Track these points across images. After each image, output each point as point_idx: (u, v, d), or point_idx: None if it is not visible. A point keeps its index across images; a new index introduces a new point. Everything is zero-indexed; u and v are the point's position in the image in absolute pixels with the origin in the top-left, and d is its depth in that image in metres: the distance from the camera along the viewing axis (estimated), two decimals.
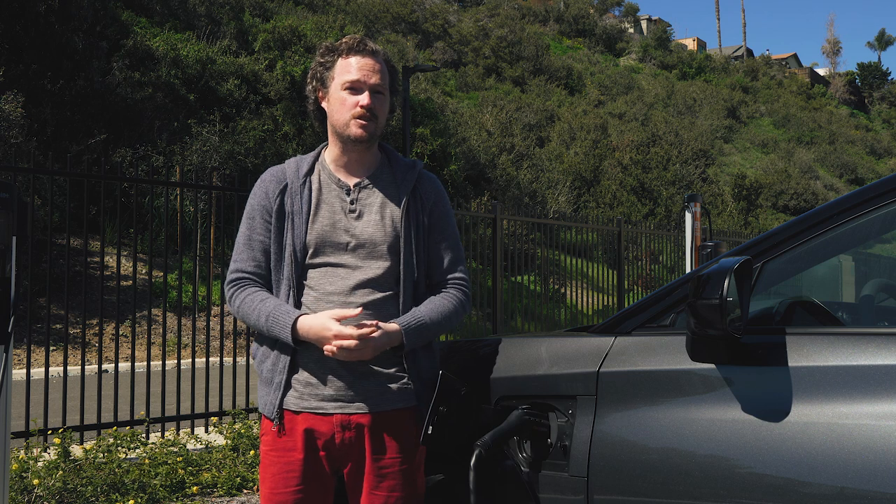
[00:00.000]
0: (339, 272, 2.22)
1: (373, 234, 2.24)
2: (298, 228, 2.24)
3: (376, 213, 2.27)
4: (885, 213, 1.98)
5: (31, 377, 5.56)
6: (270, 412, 2.22)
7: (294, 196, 2.27)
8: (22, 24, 14.68)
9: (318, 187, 2.29)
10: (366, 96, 2.23)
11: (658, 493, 1.94)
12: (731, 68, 58.76)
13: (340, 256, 2.23)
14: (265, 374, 2.26)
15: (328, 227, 2.24)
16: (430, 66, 20.03)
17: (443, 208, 2.35)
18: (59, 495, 4.56)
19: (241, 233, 2.33)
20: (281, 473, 2.21)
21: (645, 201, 27.32)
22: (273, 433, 2.23)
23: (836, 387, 1.81)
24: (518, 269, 11.73)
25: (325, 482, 2.24)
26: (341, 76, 2.25)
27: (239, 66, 19.76)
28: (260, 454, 2.31)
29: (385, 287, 2.23)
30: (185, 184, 7.86)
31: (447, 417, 2.21)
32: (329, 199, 2.28)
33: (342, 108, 2.25)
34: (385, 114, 2.30)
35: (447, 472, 2.42)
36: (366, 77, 2.24)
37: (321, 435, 2.20)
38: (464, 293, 2.34)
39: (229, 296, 2.31)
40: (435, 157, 19.15)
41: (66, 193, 10.03)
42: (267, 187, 2.30)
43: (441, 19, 40.33)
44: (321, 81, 2.30)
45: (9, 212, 2.58)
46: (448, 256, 2.34)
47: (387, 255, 2.24)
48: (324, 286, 2.22)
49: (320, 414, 2.19)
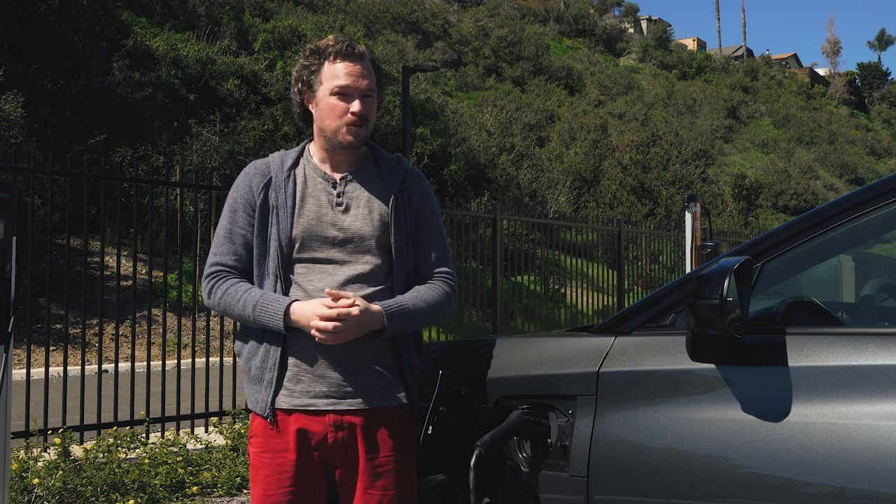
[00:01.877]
0: (327, 268, 2.21)
1: (360, 227, 2.23)
2: (284, 222, 2.21)
3: (364, 206, 2.25)
4: (885, 213, 1.98)
5: (31, 377, 5.56)
6: (263, 410, 2.20)
7: (279, 190, 2.24)
8: (22, 24, 14.68)
9: (303, 181, 2.27)
10: (357, 103, 2.22)
11: (658, 493, 1.94)
12: (731, 68, 58.76)
13: (327, 251, 2.21)
14: (254, 372, 2.23)
15: (314, 220, 2.22)
16: (430, 66, 20.03)
17: (429, 203, 2.35)
18: (59, 495, 4.56)
19: (221, 226, 2.29)
20: (273, 475, 2.19)
21: (645, 201, 27.32)
22: (264, 434, 2.21)
23: (836, 387, 1.81)
24: (518, 269, 11.73)
25: (317, 482, 2.23)
26: (330, 81, 2.23)
27: (239, 66, 19.77)
28: (249, 455, 2.28)
29: (374, 282, 2.22)
30: (185, 184, 7.86)
31: (447, 417, 2.20)
32: (315, 192, 2.26)
33: (332, 114, 2.23)
34: (374, 116, 2.30)
35: (447, 472, 2.42)
36: (356, 83, 2.22)
37: (314, 435, 2.18)
38: (450, 286, 2.32)
39: (209, 288, 2.26)
40: (435, 157, 19.14)
41: (66, 193, 10.02)
42: (251, 181, 2.28)
43: (441, 19, 40.32)
44: (308, 85, 2.28)
45: (9, 212, 2.58)
46: (434, 251, 2.32)
47: (375, 250, 2.23)
48: (312, 283, 2.19)
49: (312, 412, 2.17)
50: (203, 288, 2.29)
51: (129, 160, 13.55)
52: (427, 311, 2.24)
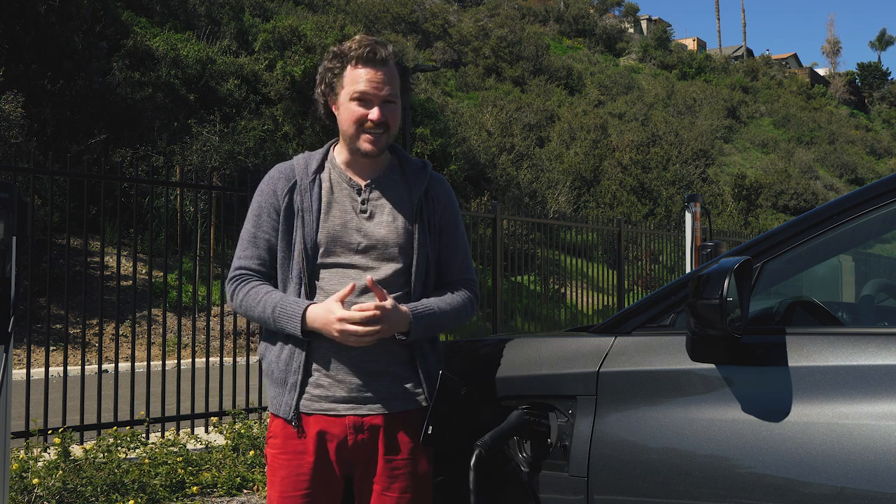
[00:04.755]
0: (350, 273, 2.20)
1: (385, 235, 2.22)
2: (309, 226, 2.21)
3: (388, 213, 2.25)
4: (885, 213, 1.98)
5: (31, 377, 5.57)
6: (287, 413, 2.18)
7: (304, 193, 2.24)
8: (22, 24, 14.68)
9: (328, 186, 2.26)
10: (375, 111, 2.20)
11: (658, 493, 1.94)
12: (731, 68, 58.77)
13: (351, 257, 2.21)
14: (277, 375, 2.22)
15: (339, 226, 2.22)
16: (430, 66, 20.03)
17: (453, 210, 2.35)
18: (59, 495, 4.56)
19: (245, 230, 2.28)
20: (291, 477, 2.18)
21: (645, 201, 27.32)
22: (283, 436, 2.20)
23: (836, 387, 1.81)
24: (518, 269, 11.73)
25: (334, 485, 2.22)
26: (350, 86, 2.21)
27: (239, 66, 19.77)
28: (267, 457, 2.27)
29: (395, 288, 2.22)
30: (185, 184, 7.86)
31: (447, 417, 2.20)
32: (340, 198, 2.25)
33: (351, 119, 2.22)
34: (398, 121, 2.27)
35: (447, 472, 2.42)
36: (376, 90, 2.20)
37: (333, 437, 2.17)
38: (474, 293, 2.34)
39: (231, 290, 2.27)
40: (435, 157, 19.14)
41: (66, 193, 10.03)
42: (275, 185, 2.27)
43: (441, 19, 40.32)
44: (331, 87, 2.26)
45: (9, 212, 2.58)
46: (459, 258, 2.34)
47: (398, 257, 2.23)
48: (335, 288, 2.19)
49: (333, 415, 2.17)
50: (227, 291, 2.29)
51: (129, 160, 13.55)
52: (451, 315, 2.26)
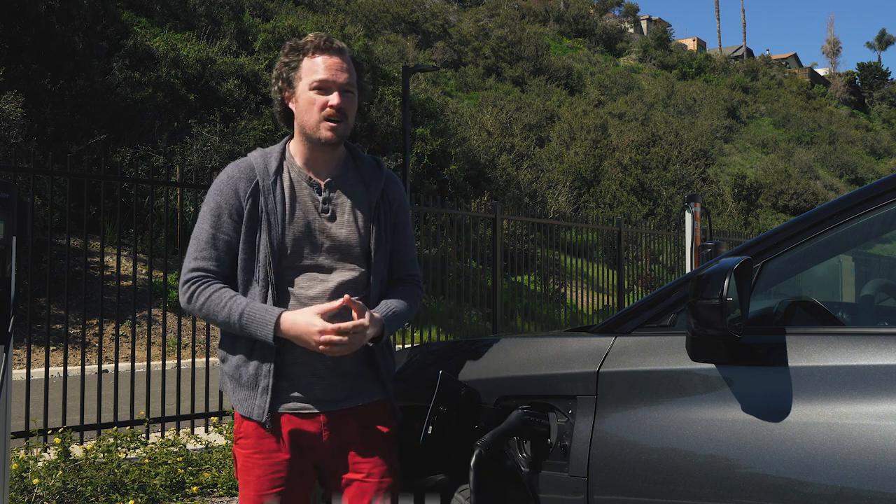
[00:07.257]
0: (318, 276, 2.22)
1: (348, 236, 2.25)
2: (275, 229, 2.19)
3: (349, 213, 2.27)
4: (885, 213, 1.98)
5: (31, 377, 5.56)
6: (261, 416, 2.18)
7: (267, 195, 2.22)
8: (22, 24, 14.68)
9: (289, 185, 2.25)
10: (335, 96, 2.20)
11: (658, 493, 1.94)
12: (731, 68, 58.76)
13: (315, 258, 2.22)
14: (247, 378, 2.20)
15: (304, 227, 2.22)
16: (430, 66, 20.03)
17: (405, 208, 2.40)
18: (59, 495, 4.56)
19: (202, 230, 2.23)
20: (266, 475, 2.19)
21: (645, 201, 27.32)
22: (256, 436, 2.21)
23: (836, 387, 1.81)
24: (518, 269, 11.72)
25: (307, 476, 2.26)
26: (309, 76, 2.22)
27: (239, 66, 19.77)
28: (237, 457, 2.25)
29: (360, 289, 2.25)
30: (185, 184, 7.85)
31: (447, 417, 2.21)
32: (302, 198, 2.25)
33: (311, 108, 2.22)
34: (354, 112, 2.28)
35: (447, 472, 2.42)
36: (334, 76, 2.21)
37: (307, 434, 2.20)
38: (421, 288, 2.41)
39: (190, 293, 2.20)
40: (435, 157, 19.15)
41: (66, 193, 10.01)
42: (236, 185, 2.22)
43: (441, 19, 40.32)
44: (287, 82, 2.27)
45: (9, 212, 2.58)
46: (409, 254, 2.39)
47: (359, 257, 2.26)
48: (304, 291, 2.20)
49: (306, 413, 2.20)
50: (181, 292, 2.24)
51: (129, 160, 13.55)
52: (408, 315, 2.32)
